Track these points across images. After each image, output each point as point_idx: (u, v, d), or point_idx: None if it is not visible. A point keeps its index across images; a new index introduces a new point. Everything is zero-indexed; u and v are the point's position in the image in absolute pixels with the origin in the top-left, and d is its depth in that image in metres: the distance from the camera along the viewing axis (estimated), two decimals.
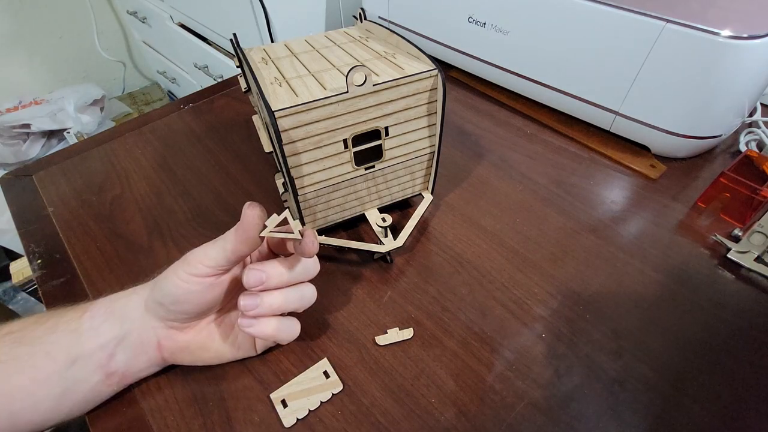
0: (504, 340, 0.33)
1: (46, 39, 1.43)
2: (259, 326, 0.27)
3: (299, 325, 0.30)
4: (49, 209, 0.45)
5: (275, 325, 0.28)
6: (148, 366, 0.29)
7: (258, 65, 0.37)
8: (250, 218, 0.25)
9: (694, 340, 0.32)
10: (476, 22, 0.52)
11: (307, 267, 0.28)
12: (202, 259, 0.26)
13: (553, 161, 0.48)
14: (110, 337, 0.27)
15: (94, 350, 0.27)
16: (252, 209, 0.25)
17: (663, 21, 0.38)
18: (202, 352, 0.30)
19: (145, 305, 0.28)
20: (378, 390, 0.30)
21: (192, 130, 0.54)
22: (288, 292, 0.28)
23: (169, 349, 0.29)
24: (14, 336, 0.27)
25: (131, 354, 0.28)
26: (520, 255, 0.38)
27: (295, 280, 0.28)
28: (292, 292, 0.28)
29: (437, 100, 0.34)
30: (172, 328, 0.29)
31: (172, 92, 1.60)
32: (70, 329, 0.27)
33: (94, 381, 0.27)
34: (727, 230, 0.39)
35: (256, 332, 0.27)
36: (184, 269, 0.26)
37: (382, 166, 0.36)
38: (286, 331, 0.29)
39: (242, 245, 0.26)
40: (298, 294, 0.28)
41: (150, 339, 0.28)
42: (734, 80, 0.39)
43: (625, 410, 0.29)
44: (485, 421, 0.28)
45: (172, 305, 0.27)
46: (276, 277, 0.27)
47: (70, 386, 0.26)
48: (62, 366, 0.26)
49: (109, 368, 0.27)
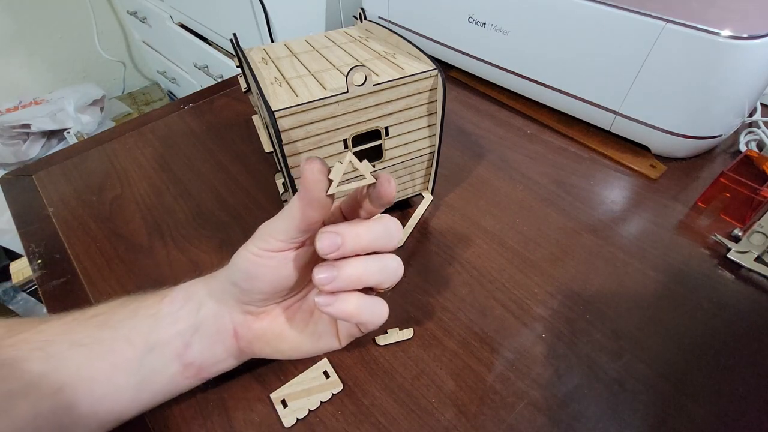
0: (504, 340, 0.33)
1: (46, 39, 1.43)
2: (338, 304, 0.23)
3: (386, 306, 0.26)
4: (49, 209, 0.45)
5: (356, 302, 0.24)
6: (226, 357, 0.27)
7: (258, 65, 0.37)
8: (309, 175, 0.21)
9: (694, 340, 0.32)
10: (476, 22, 0.52)
11: (389, 228, 0.24)
12: (271, 232, 0.24)
13: (553, 161, 0.48)
14: (187, 325, 0.26)
15: (171, 338, 0.25)
16: (311, 164, 0.21)
17: (663, 21, 0.38)
18: (279, 342, 0.27)
19: (221, 288, 0.26)
20: (378, 390, 0.30)
21: (192, 130, 0.54)
22: (369, 260, 0.24)
23: (246, 338, 0.27)
24: (99, 319, 0.26)
25: (207, 343, 0.26)
26: (520, 255, 0.38)
27: (376, 245, 0.24)
28: (373, 260, 0.24)
29: (437, 100, 0.34)
30: (248, 313, 0.27)
31: (172, 92, 1.60)
32: (150, 314, 0.26)
33: (171, 371, 0.26)
34: (727, 230, 0.39)
35: (335, 311, 0.23)
36: (256, 244, 0.24)
37: (382, 166, 0.36)
38: (371, 309, 0.25)
39: (309, 209, 0.22)
40: (380, 263, 0.24)
41: (226, 326, 0.26)
42: (734, 80, 0.39)
43: (625, 410, 0.29)
44: (485, 421, 0.28)
45: (245, 282, 0.25)
46: (353, 240, 0.23)
47: (148, 375, 0.25)
48: (140, 353, 0.25)
49: (186, 358, 0.26)
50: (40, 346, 0.24)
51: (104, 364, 0.24)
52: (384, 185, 0.22)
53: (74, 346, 0.24)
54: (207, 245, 0.40)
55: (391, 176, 0.23)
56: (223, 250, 0.40)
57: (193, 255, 0.39)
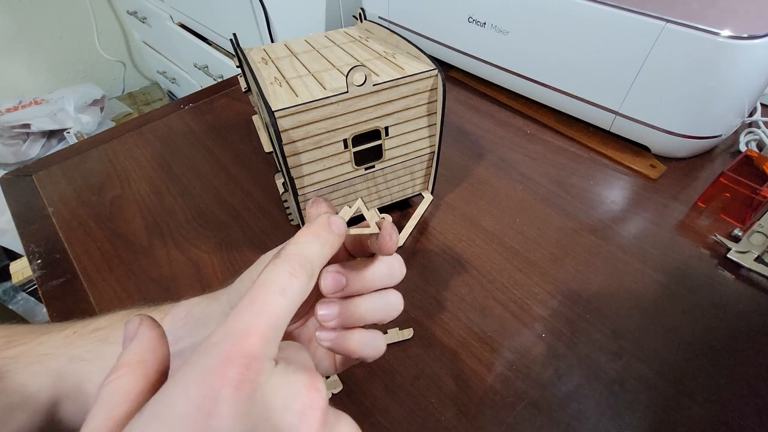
0: (504, 340, 0.33)
1: (46, 39, 1.43)
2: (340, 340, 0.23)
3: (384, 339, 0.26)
4: (49, 209, 0.45)
5: (358, 338, 0.24)
6: None
7: (258, 65, 0.37)
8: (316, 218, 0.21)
9: (694, 340, 0.32)
10: (476, 22, 0.52)
11: (392, 267, 0.24)
12: None
13: (553, 161, 0.48)
14: (187, 345, 0.25)
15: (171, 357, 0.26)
16: (317, 207, 0.21)
17: (663, 21, 0.38)
18: None
19: (222, 310, 0.26)
20: (378, 390, 0.30)
21: (192, 130, 0.54)
22: (371, 299, 0.24)
23: None
24: (101, 333, 0.26)
25: None
26: (520, 255, 0.38)
27: (379, 283, 0.24)
28: (376, 298, 0.24)
29: (437, 100, 0.34)
30: None
31: (172, 92, 1.60)
32: None
33: None
34: (727, 230, 0.39)
35: (336, 347, 0.23)
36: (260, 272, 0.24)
37: (382, 166, 0.36)
38: (371, 344, 0.24)
39: None
40: (382, 301, 0.24)
41: None
42: (734, 80, 0.39)
43: (625, 410, 0.29)
44: (485, 421, 0.28)
45: None
46: (357, 281, 0.23)
47: None
48: None
49: None
50: (40, 360, 0.24)
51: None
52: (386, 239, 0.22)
53: (75, 361, 0.24)
54: (207, 245, 0.40)
55: (394, 230, 0.23)
56: (222, 250, 0.40)
57: (193, 255, 0.39)
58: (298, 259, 0.18)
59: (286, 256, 0.18)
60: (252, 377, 0.15)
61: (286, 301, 0.17)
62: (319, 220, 0.21)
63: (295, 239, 0.20)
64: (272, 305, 0.17)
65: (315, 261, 0.19)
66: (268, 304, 0.17)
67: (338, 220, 0.21)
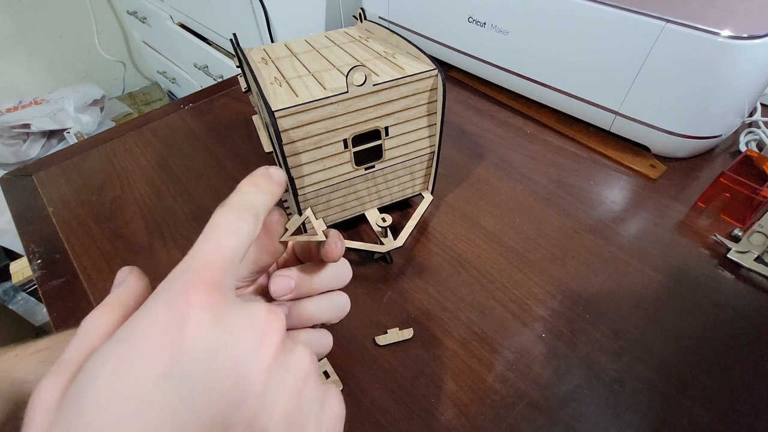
0: (504, 340, 0.33)
1: (46, 39, 1.43)
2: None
3: (331, 337, 0.28)
4: (49, 209, 0.45)
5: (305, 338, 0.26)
6: None
7: (258, 65, 0.37)
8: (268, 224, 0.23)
9: (694, 340, 0.32)
10: (476, 22, 0.52)
11: (339, 271, 0.26)
12: None
13: (553, 161, 0.48)
14: None
15: None
16: (270, 214, 0.23)
17: (663, 21, 0.38)
18: None
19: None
20: (378, 390, 0.30)
21: (192, 130, 0.54)
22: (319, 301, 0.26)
23: None
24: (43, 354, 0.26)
25: None
26: (520, 255, 0.38)
27: (327, 286, 0.26)
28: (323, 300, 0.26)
29: (437, 100, 0.34)
30: None
31: (172, 92, 1.59)
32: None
33: None
34: (727, 230, 0.39)
35: None
36: None
37: (382, 166, 0.36)
38: (318, 344, 0.26)
39: (264, 254, 0.24)
40: (329, 302, 0.26)
41: None
42: (734, 80, 0.39)
43: (625, 410, 0.29)
44: (485, 421, 0.28)
45: None
46: (305, 284, 0.25)
47: None
48: None
49: None
50: None
51: None
52: (331, 246, 0.24)
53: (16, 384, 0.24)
54: None
55: (340, 239, 0.25)
56: None
57: None
58: (243, 206, 0.19)
59: (231, 204, 0.19)
60: (215, 301, 0.16)
61: (238, 239, 0.18)
62: (259, 171, 0.21)
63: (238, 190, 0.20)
64: (225, 242, 0.17)
65: (259, 207, 0.20)
66: (221, 241, 0.17)
67: (277, 171, 0.22)
